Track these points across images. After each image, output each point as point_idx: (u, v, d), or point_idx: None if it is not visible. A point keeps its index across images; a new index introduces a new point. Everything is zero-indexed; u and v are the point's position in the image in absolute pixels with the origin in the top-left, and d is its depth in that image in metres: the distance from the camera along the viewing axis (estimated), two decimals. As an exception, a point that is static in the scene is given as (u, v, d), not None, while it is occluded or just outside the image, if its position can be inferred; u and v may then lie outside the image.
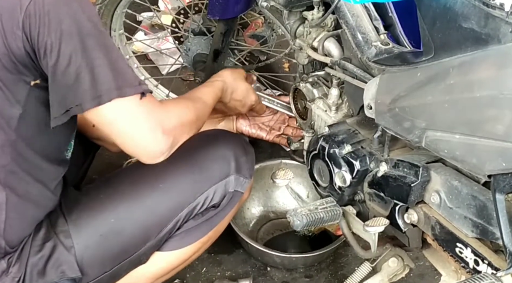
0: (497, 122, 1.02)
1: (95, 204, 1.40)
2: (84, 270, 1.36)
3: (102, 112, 1.25)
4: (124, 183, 1.45)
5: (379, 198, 1.36)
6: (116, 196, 1.41)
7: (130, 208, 1.40)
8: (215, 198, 1.47)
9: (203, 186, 1.46)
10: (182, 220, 1.45)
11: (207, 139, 1.51)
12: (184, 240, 1.49)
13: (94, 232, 1.37)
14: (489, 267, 1.14)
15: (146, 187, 1.42)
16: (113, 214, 1.39)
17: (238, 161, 1.49)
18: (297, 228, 1.40)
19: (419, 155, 1.30)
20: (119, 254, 1.41)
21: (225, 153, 1.49)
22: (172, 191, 1.43)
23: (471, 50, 1.06)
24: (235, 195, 1.52)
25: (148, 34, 2.79)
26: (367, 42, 1.38)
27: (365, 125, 1.45)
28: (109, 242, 1.38)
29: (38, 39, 1.18)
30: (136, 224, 1.41)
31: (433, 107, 1.14)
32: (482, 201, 1.14)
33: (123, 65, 1.28)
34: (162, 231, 1.43)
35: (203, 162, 1.46)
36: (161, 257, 1.49)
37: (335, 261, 2.00)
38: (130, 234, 1.40)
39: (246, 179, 1.52)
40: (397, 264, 1.52)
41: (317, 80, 1.65)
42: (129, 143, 1.31)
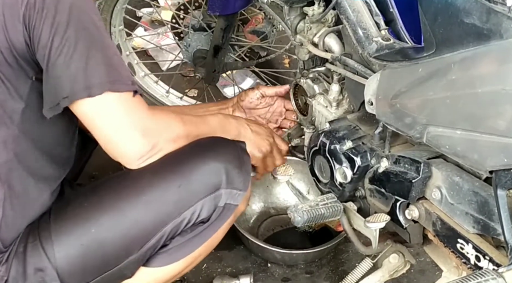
0: (499, 117, 1.02)
1: (79, 212, 1.36)
2: (64, 279, 1.32)
3: (90, 105, 1.24)
4: (109, 193, 1.38)
5: (380, 194, 1.36)
6: (100, 206, 1.35)
7: (112, 220, 1.34)
8: (202, 213, 1.39)
9: (190, 201, 1.37)
10: (167, 235, 1.38)
11: (198, 150, 1.42)
12: (172, 256, 1.42)
13: (75, 241, 1.33)
14: (490, 263, 1.14)
15: (129, 200, 1.35)
16: (95, 224, 1.33)
17: (230, 174, 1.40)
18: (298, 224, 1.40)
19: (420, 151, 1.30)
20: (100, 265, 1.36)
21: (215, 165, 1.39)
22: (156, 205, 1.36)
23: (472, 46, 1.06)
24: (227, 208, 1.42)
25: (148, 30, 2.78)
26: (368, 38, 1.37)
27: (366, 121, 1.45)
28: (90, 252, 1.33)
29: (34, 31, 1.19)
30: (117, 236, 1.34)
31: (435, 103, 1.14)
32: (483, 197, 1.14)
33: (118, 62, 1.28)
34: (145, 245, 1.37)
35: (190, 175, 1.37)
36: (147, 273, 1.43)
37: (335, 257, 2.00)
38: (111, 247, 1.35)
39: (239, 192, 1.42)
40: (398, 260, 1.52)
41: (318, 76, 1.64)
42: (109, 142, 1.29)
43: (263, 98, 1.83)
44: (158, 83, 2.40)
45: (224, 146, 1.45)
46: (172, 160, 1.36)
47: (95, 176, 2.14)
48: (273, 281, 1.92)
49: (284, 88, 1.82)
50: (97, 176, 2.14)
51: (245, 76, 2.62)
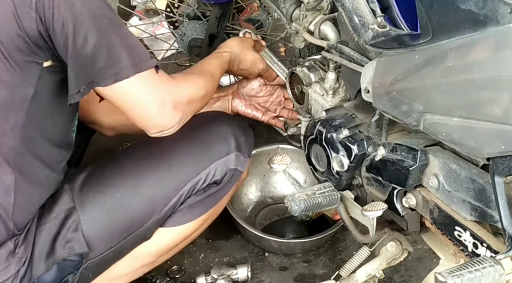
0: (496, 104, 1.02)
1: (100, 180, 1.44)
2: (91, 245, 1.39)
3: (119, 88, 1.29)
4: (128, 160, 1.49)
5: (377, 182, 1.36)
6: (122, 173, 1.45)
7: (135, 184, 1.44)
8: (216, 174, 1.51)
9: (205, 163, 1.50)
10: (185, 195, 1.48)
11: (208, 119, 1.56)
12: (187, 215, 1.51)
13: (100, 207, 1.40)
14: (488, 250, 1.14)
15: (150, 163, 1.47)
16: (119, 190, 1.42)
17: (238, 140, 1.54)
18: (295, 213, 1.40)
19: (417, 139, 1.30)
20: (125, 228, 1.43)
21: (226, 131, 1.54)
22: (176, 167, 1.47)
23: (469, 32, 1.05)
24: (235, 173, 1.55)
25: (143, 19, 2.77)
26: (364, 25, 1.37)
27: (362, 109, 1.44)
28: (115, 217, 1.41)
29: (53, 19, 1.21)
30: (142, 199, 1.44)
31: (431, 90, 1.14)
32: (480, 184, 1.13)
33: (135, 41, 1.34)
34: (167, 205, 1.46)
35: (204, 140, 1.51)
36: (164, 233, 1.51)
37: (333, 246, 2.00)
38: (136, 209, 1.44)
39: (245, 158, 1.56)
40: (396, 248, 1.52)
41: (314, 64, 1.63)
42: (140, 116, 1.36)
43: (264, 86, 1.84)
44: (153, 73, 2.38)
45: (231, 117, 1.66)
46: (186, 128, 1.44)
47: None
48: (271, 270, 1.92)
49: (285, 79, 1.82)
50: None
51: (241, 65, 2.60)
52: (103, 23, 1.25)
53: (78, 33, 1.22)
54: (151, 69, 1.33)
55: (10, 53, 1.22)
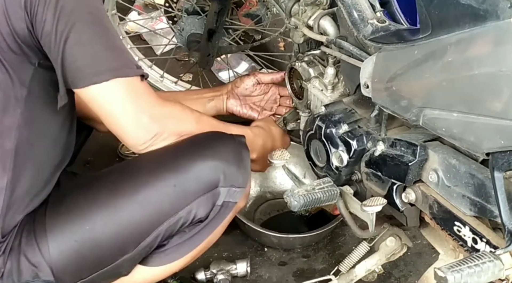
0: (496, 99, 1.01)
1: (73, 208, 1.35)
2: (58, 275, 1.32)
3: (97, 90, 1.25)
4: (104, 189, 1.37)
5: (376, 177, 1.36)
6: (94, 203, 1.35)
7: (106, 218, 1.33)
8: (199, 212, 1.37)
9: (185, 201, 1.36)
10: (163, 235, 1.37)
11: (194, 147, 1.39)
12: (169, 256, 1.42)
13: (69, 238, 1.32)
14: (487, 245, 1.14)
15: (124, 197, 1.34)
16: (90, 222, 1.33)
17: (228, 172, 1.38)
18: (294, 208, 1.40)
19: (417, 134, 1.29)
20: (94, 263, 1.36)
21: (213, 164, 1.37)
22: (151, 205, 1.35)
23: (469, 27, 1.04)
24: (225, 206, 1.41)
25: (142, 14, 2.76)
26: (363, 20, 1.36)
27: (361, 104, 1.44)
28: (84, 249, 1.33)
29: (37, 17, 1.19)
30: (112, 234, 1.34)
31: (431, 85, 1.13)
32: (480, 179, 1.13)
33: (121, 46, 1.30)
34: (140, 244, 1.36)
35: (187, 174, 1.36)
36: (145, 271, 1.44)
37: (332, 241, 2.00)
38: (106, 245, 1.34)
39: (238, 189, 1.40)
40: (395, 244, 1.52)
41: (313, 59, 1.63)
42: (115, 124, 1.31)
43: (258, 85, 1.82)
44: (152, 68, 2.38)
45: (222, 141, 1.42)
46: (168, 157, 1.36)
47: (90, 161, 2.13)
48: (270, 265, 1.92)
49: (280, 75, 1.81)
50: (92, 161, 2.13)
51: (240, 60, 2.60)
52: (88, 22, 1.23)
53: (59, 30, 1.20)
54: (134, 77, 1.28)
55: (2, 53, 1.20)
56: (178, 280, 1.78)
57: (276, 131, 1.68)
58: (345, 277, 1.57)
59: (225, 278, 1.80)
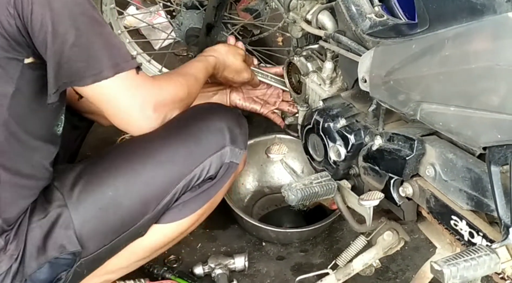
0: (493, 93, 1.02)
1: (92, 178, 1.41)
2: (83, 244, 1.37)
3: (98, 88, 1.29)
4: (121, 157, 1.45)
5: (374, 171, 1.36)
6: (113, 170, 1.42)
7: (128, 181, 1.41)
8: (211, 169, 1.48)
9: (199, 158, 1.46)
10: (180, 192, 1.46)
11: (201, 112, 1.52)
12: (181, 212, 1.49)
13: (92, 206, 1.38)
14: (484, 239, 1.14)
15: (142, 160, 1.43)
16: (111, 188, 1.40)
17: (232, 133, 1.50)
18: (292, 203, 1.40)
19: (414, 128, 1.30)
20: (118, 227, 1.42)
21: (219, 125, 1.49)
22: (169, 163, 1.44)
23: (466, 21, 1.04)
24: (231, 166, 1.52)
25: (140, 9, 2.75)
26: (361, 14, 1.36)
27: (359, 99, 1.44)
28: (108, 215, 1.39)
29: (31, 17, 1.19)
30: (134, 197, 1.41)
31: (428, 79, 1.13)
32: (477, 174, 1.13)
33: (116, 41, 1.32)
34: (160, 203, 1.44)
35: (198, 135, 1.47)
36: (158, 230, 1.49)
37: (330, 235, 2.00)
38: (129, 207, 1.41)
39: (241, 150, 1.52)
40: (392, 238, 1.52)
41: (311, 53, 1.63)
42: (120, 118, 1.36)
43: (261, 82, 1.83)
44: (150, 63, 2.38)
45: (224, 109, 1.59)
46: (178, 123, 1.44)
47: (90, 156, 2.12)
48: (268, 259, 1.92)
49: (280, 69, 1.82)
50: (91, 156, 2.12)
51: (239, 54, 2.59)
52: (83, 21, 1.24)
53: (57, 31, 1.21)
54: (131, 70, 1.32)
55: None
56: (176, 275, 1.78)
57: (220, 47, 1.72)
58: (343, 271, 1.58)
59: (223, 273, 1.80)
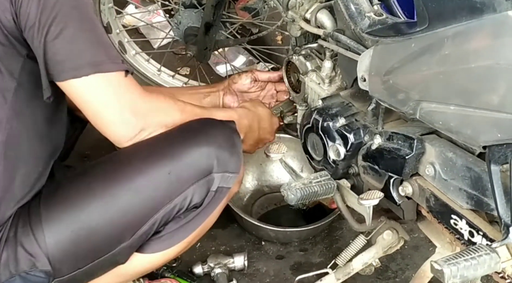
0: (493, 92, 1.01)
1: (68, 199, 1.35)
2: (55, 265, 1.32)
3: (78, 85, 1.25)
4: (98, 179, 1.37)
5: (373, 171, 1.36)
6: (89, 193, 1.34)
7: (102, 208, 1.34)
8: (195, 198, 1.38)
9: (181, 187, 1.36)
10: (160, 222, 1.38)
11: (187, 134, 1.39)
12: (166, 243, 1.42)
13: (66, 228, 1.32)
14: (484, 238, 1.14)
15: (119, 186, 1.35)
16: (85, 212, 1.33)
17: (221, 157, 1.38)
18: (291, 202, 1.40)
19: (414, 127, 1.29)
20: (91, 252, 1.36)
21: (206, 150, 1.37)
22: (146, 192, 1.35)
23: (466, 20, 1.04)
24: (219, 192, 1.41)
25: (139, 8, 2.75)
26: (360, 13, 1.36)
27: (359, 98, 1.43)
28: (81, 239, 1.33)
29: (21, 9, 1.19)
30: (108, 223, 1.34)
31: (428, 78, 1.13)
32: (477, 173, 1.13)
33: (105, 41, 1.30)
34: (137, 232, 1.36)
35: (181, 161, 1.36)
36: (141, 258, 1.43)
37: (329, 235, 2.00)
38: (102, 234, 1.34)
39: (232, 174, 1.41)
40: (392, 237, 1.52)
41: (310, 52, 1.63)
42: (97, 119, 1.32)
43: (255, 82, 1.82)
44: (149, 62, 2.37)
45: (214, 128, 1.43)
46: (161, 144, 1.36)
47: (88, 155, 2.12)
48: (267, 259, 1.92)
49: (277, 74, 1.81)
50: (89, 155, 2.12)
51: (237, 53, 2.60)
52: (72, 15, 1.23)
53: (41, 22, 1.20)
54: (117, 72, 1.28)
55: None
56: (175, 274, 1.78)
57: (262, 111, 1.67)
58: (342, 271, 1.58)
59: (222, 272, 1.80)
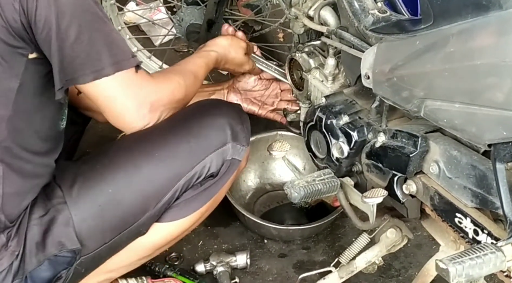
0: (498, 90, 1.01)
1: (92, 175, 1.40)
2: (83, 242, 1.36)
3: (98, 86, 1.30)
4: (121, 153, 1.44)
5: (377, 169, 1.35)
6: (113, 167, 1.40)
7: (128, 179, 1.40)
8: (212, 167, 1.46)
9: (200, 156, 1.44)
10: (181, 190, 1.44)
11: (202, 108, 1.51)
12: (183, 210, 1.48)
13: (92, 203, 1.37)
14: (488, 237, 1.14)
15: (142, 158, 1.42)
16: (111, 185, 1.38)
17: (234, 129, 1.48)
18: (294, 200, 1.39)
19: (418, 125, 1.29)
20: (118, 224, 1.41)
21: (221, 121, 1.48)
22: (169, 161, 1.43)
23: (471, 17, 1.04)
24: (233, 163, 1.50)
25: (140, 4, 2.74)
26: (364, 10, 1.35)
27: (362, 95, 1.43)
28: (108, 213, 1.38)
29: (36, 13, 1.20)
30: (134, 194, 1.40)
31: (433, 76, 1.13)
32: (481, 171, 1.13)
33: (118, 38, 1.33)
34: (161, 201, 1.43)
35: (199, 132, 1.46)
36: (160, 228, 1.48)
37: (332, 233, 2.00)
38: (129, 205, 1.40)
39: (243, 147, 1.50)
40: (396, 235, 1.52)
41: (313, 50, 1.62)
42: (116, 116, 1.37)
43: (259, 80, 1.83)
44: (151, 59, 2.37)
45: (226, 105, 1.58)
46: (179, 119, 1.44)
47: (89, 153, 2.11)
48: (270, 257, 1.92)
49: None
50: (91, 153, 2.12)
51: (240, 51, 2.59)
52: (86, 18, 1.25)
53: (60, 27, 1.21)
54: (131, 68, 1.32)
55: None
56: (178, 273, 1.77)
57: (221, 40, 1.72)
58: (346, 269, 1.57)
59: (224, 270, 1.80)
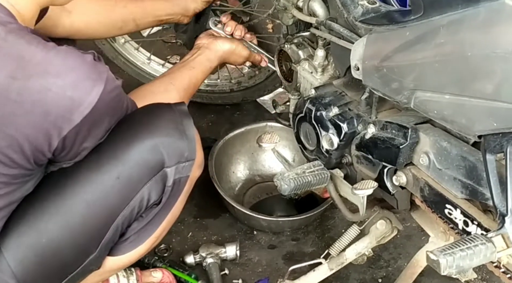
0: (488, 81, 1.01)
1: (23, 223, 1.27)
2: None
3: None
4: (48, 199, 1.29)
5: (367, 160, 1.35)
6: (43, 215, 1.27)
7: (60, 226, 1.28)
8: (152, 196, 1.32)
9: (134, 189, 1.30)
10: (121, 226, 1.33)
11: (131, 128, 1.30)
12: (133, 243, 1.38)
13: (29, 254, 1.26)
14: (478, 228, 1.14)
15: (71, 201, 1.28)
16: (44, 235, 1.27)
17: (171, 148, 1.30)
18: (284, 192, 1.39)
19: (408, 117, 1.29)
20: (62, 271, 1.32)
21: (153, 143, 1.29)
22: (99, 202, 1.29)
23: (461, 8, 1.03)
24: (177, 184, 1.34)
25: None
26: (354, 1, 1.35)
27: (352, 87, 1.42)
28: (47, 261, 1.28)
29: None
30: (70, 241, 1.29)
31: (423, 67, 1.12)
32: (471, 162, 1.13)
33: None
34: (102, 242, 1.32)
35: (128, 162, 1.28)
36: (114, 261, 1.40)
37: (322, 224, 2.00)
38: (67, 251, 1.30)
39: (187, 163, 1.32)
40: (385, 227, 1.52)
41: (302, 41, 1.61)
42: None
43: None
44: (139, 50, 2.35)
45: (159, 116, 1.33)
46: (106, 147, 1.27)
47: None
48: (259, 248, 1.92)
49: None
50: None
51: (228, 41, 2.57)
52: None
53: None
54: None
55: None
56: (167, 264, 1.77)
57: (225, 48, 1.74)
58: (335, 261, 1.58)
59: (214, 262, 1.80)
